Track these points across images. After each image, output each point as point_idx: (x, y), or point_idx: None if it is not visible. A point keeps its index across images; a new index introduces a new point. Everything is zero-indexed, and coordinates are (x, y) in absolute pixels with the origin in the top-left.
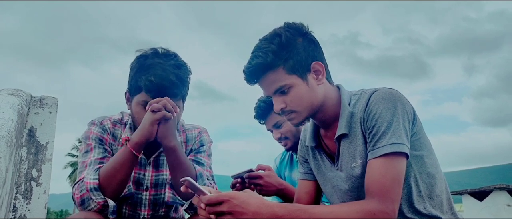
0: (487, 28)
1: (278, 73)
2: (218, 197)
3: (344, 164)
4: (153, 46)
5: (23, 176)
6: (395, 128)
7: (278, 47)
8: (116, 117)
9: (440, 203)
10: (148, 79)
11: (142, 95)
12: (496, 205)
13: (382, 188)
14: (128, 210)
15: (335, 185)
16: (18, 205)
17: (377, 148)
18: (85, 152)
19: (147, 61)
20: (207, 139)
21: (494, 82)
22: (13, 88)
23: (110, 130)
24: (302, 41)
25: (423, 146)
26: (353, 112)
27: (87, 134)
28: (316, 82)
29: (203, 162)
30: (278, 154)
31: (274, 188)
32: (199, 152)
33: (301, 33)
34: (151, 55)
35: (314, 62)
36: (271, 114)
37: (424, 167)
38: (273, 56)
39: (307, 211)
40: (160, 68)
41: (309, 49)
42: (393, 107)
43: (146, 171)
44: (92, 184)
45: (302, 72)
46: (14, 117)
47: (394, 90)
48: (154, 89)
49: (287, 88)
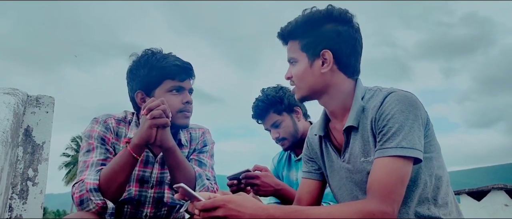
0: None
1: (294, 44)
2: (213, 202)
3: (352, 157)
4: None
5: (19, 175)
6: (407, 132)
7: (302, 22)
8: (119, 115)
9: (445, 205)
10: (173, 65)
11: (168, 82)
12: (494, 205)
13: (384, 188)
14: (130, 208)
15: (343, 177)
16: (14, 205)
17: (385, 148)
18: (86, 151)
19: (155, 55)
20: (210, 139)
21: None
22: (9, 88)
23: (114, 128)
24: (331, 27)
25: (433, 148)
26: (365, 107)
27: (90, 132)
28: (320, 70)
29: (205, 163)
30: (273, 154)
31: (271, 189)
32: (202, 152)
33: (334, 19)
34: (155, 51)
35: (325, 50)
36: (269, 114)
37: (433, 169)
38: (295, 27)
39: (304, 212)
40: (172, 57)
41: (329, 37)
42: (407, 111)
43: (153, 169)
44: (92, 184)
45: (312, 54)
46: (10, 116)
47: (410, 93)
48: (181, 72)
49: (293, 61)
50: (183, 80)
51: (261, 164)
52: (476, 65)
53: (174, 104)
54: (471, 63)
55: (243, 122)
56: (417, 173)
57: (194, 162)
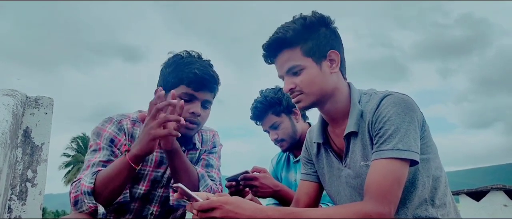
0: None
1: (294, 52)
2: (210, 203)
3: (352, 162)
4: (142, 50)
5: (18, 177)
6: (403, 134)
7: (300, 27)
8: (134, 115)
9: (443, 206)
10: (191, 72)
11: (182, 88)
12: (493, 205)
13: (381, 190)
14: (138, 205)
15: (343, 183)
16: (13, 206)
17: (382, 150)
18: (93, 150)
19: (184, 59)
20: (219, 141)
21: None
22: (8, 89)
23: (129, 130)
24: (325, 30)
25: (430, 149)
26: (363, 111)
27: (100, 131)
28: (330, 70)
29: (213, 164)
30: (271, 154)
31: (270, 190)
32: (211, 153)
33: (325, 23)
34: (187, 55)
35: (331, 50)
36: (268, 115)
37: (430, 170)
38: (293, 33)
39: (302, 214)
40: (199, 65)
41: (329, 38)
42: (403, 113)
43: (166, 170)
44: (87, 187)
45: (318, 57)
46: (9, 117)
47: (406, 96)
48: (197, 81)
49: (299, 69)
50: (197, 90)
51: (260, 166)
52: (473, 66)
53: None
54: (467, 64)
55: (242, 123)
56: (415, 175)
57: (203, 162)
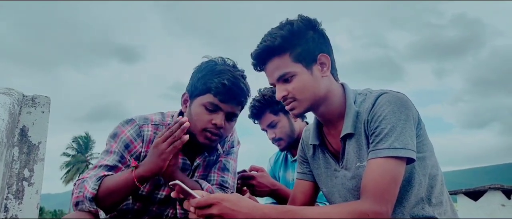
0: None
1: (284, 59)
2: (207, 200)
3: (349, 163)
4: (140, 51)
5: (14, 176)
6: (399, 133)
7: (287, 34)
8: (157, 118)
9: (439, 204)
10: (220, 82)
11: (208, 96)
12: (491, 205)
13: (378, 188)
14: (156, 208)
15: (338, 184)
16: (10, 205)
17: (378, 149)
18: (106, 151)
19: (217, 66)
20: (237, 138)
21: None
22: (4, 87)
23: (150, 137)
24: (313, 33)
25: (426, 148)
26: (359, 111)
27: (118, 133)
28: (321, 74)
29: (229, 168)
30: (269, 154)
31: (267, 189)
32: (229, 153)
33: (313, 26)
34: (221, 62)
35: (321, 54)
36: (266, 114)
37: (427, 168)
38: (282, 40)
39: (299, 212)
40: (231, 75)
41: (318, 41)
42: (399, 111)
43: (188, 176)
44: (90, 193)
45: (308, 62)
46: (5, 116)
47: (402, 94)
48: (224, 92)
49: (290, 76)
50: (223, 102)
51: (257, 165)
52: (467, 66)
53: (202, 120)
54: (462, 64)
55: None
56: (411, 173)
57: (219, 164)
